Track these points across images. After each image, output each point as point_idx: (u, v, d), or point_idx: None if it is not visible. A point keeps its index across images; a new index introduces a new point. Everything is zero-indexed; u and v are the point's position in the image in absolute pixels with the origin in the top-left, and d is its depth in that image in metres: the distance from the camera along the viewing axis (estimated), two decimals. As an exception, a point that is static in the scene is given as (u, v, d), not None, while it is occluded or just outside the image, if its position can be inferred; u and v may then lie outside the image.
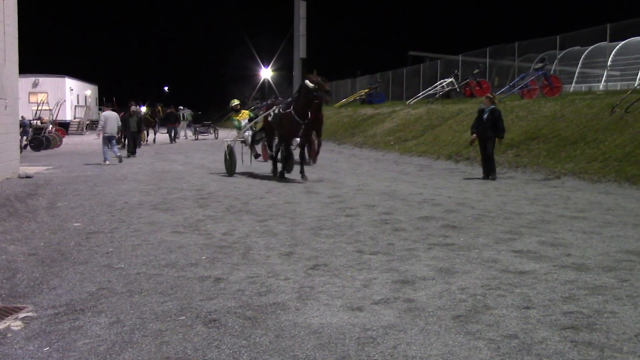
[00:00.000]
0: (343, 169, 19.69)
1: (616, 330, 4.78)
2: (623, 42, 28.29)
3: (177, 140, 37.11)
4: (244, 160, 18.83)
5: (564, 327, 4.89)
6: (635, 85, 20.87)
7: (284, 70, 67.76)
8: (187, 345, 4.69)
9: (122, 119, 24.84)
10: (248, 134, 18.91)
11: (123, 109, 31.94)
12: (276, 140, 17.43)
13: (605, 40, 27.75)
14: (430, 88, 34.54)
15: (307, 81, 15.22)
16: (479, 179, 15.73)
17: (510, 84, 26.92)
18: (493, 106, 15.70)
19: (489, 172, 15.70)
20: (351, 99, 45.65)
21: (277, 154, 17.19)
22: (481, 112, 15.82)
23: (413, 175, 17.08)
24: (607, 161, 15.22)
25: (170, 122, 37.62)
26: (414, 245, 7.94)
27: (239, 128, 19.50)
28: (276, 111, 16.48)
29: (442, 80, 34.09)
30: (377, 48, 78.87)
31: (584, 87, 28.85)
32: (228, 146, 17.95)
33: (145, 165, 21.57)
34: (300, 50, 52.43)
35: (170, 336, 4.87)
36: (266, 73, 71.73)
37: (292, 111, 15.49)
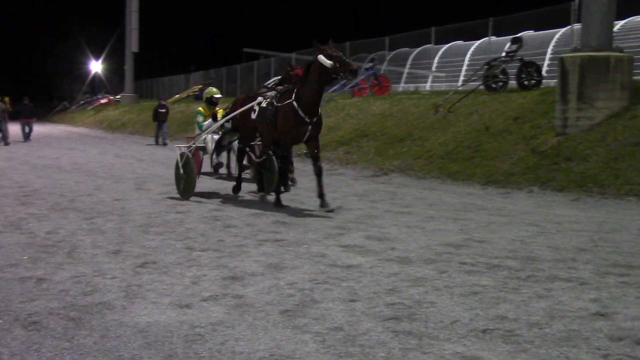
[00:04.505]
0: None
1: (434, 319, 5.01)
2: (447, 45, 29.61)
3: (31, 138, 32.00)
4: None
5: (387, 318, 5.07)
6: (458, 86, 21.90)
7: (116, 64, 65.94)
8: (4, 350, 4.47)
9: None
10: (211, 137, 13.27)
11: None
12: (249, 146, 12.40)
13: (431, 43, 29.00)
14: (264, 85, 34.68)
15: (321, 57, 10.17)
16: (310, 175, 15.96)
17: (342, 82, 27.50)
18: None
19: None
20: (185, 94, 45.08)
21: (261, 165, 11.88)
22: None
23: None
24: (431, 158, 15.91)
25: (23, 117, 32.44)
26: (244, 242, 7.97)
27: (201, 127, 13.77)
28: (263, 104, 11.02)
29: (275, 78, 34.30)
30: (212, 44, 78.18)
31: (412, 87, 29.94)
32: (182, 155, 11.97)
33: (-37, 161, 20.34)
34: (133, 44, 51.29)
35: (-15, 341, 4.63)
36: (96, 66, 69.52)
37: (295, 102, 10.41)
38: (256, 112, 11.14)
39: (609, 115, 13.95)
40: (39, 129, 32.68)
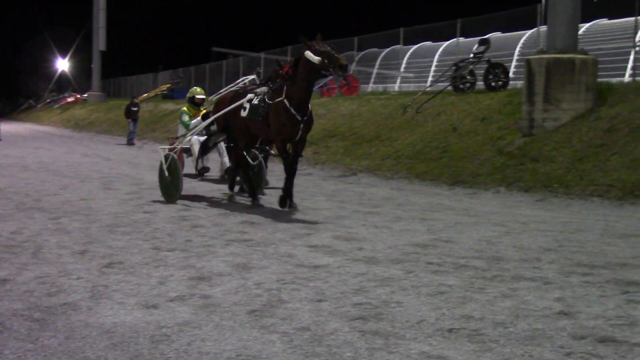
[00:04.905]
0: (143, 164, 19.31)
1: (401, 319, 5.04)
2: (416, 46, 29.76)
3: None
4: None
5: (354, 318, 5.08)
6: (426, 87, 22.03)
7: (83, 63, 65.39)
8: (-33, 351, 4.42)
9: None
10: (197, 138, 12.48)
11: None
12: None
13: (400, 44, 29.11)
14: (232, 84, 34.59)
15: (308, 52, 9.66)
16: (280, 175, 15.96)
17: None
18: None
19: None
20: (152, 93, 44.83)
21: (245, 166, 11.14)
22: None
23: (215, 171, 17.05)
24: (399, 159, 15.98)
25: None
26: (212, 242, 7.94)
27: (187, 127, 13.12)
28: (255, 101, 10.51)
29: (244, 77, 34.22)
30: (180, 42, 77.74)
31: (380, 87, 30.05)
32: (167, 157, 11.40)
33: None
34: (100, 42, 50.90)
35: (-54, 344, 4.56)
36: (63, 64, 68.87)
37: (285, 100, 10.01)
38: (247, 110, 10.59)
39: (574, 117, 14.12)
40: (3, 127, 32.17)
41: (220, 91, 33.57)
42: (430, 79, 26.08)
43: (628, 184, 11.42)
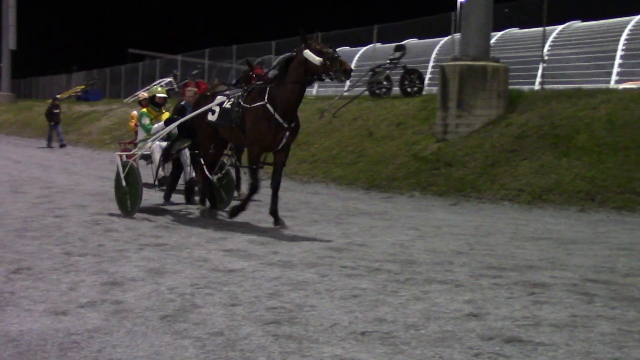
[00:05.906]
0: (54, 167, 18.86)
1: (314, 323, 5.06)
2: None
3: None
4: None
5: (268, 322, 5.08)
6: (343, 91, 22.15)
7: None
8: None
9: None
10: (158, 144, 11.05)
11: None
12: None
13: (317, 48, 29.19)
14: (148, 87, 34.19)
15: (308, 52, 8.62)
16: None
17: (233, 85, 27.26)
18: None
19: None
20: (66, 95, 43.84)
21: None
22: None
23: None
24: (315, 163, 16.07)
25: None
26: (125, 246, 7.82)
27: (148, 131, 11.57)
28: (227, 105, 9.43)
29: (160, 80, 33.92)
30: (95, 43, 76.25)
31: (297, 91, 30.07)
32: (126, 164, 10.18)
33: None
34: (10, 41, 49.42)
35: None
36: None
37: (268, 105, 8.96)
38: (216, 114, 9.53)
39: (486, 123, 14.47)
40: None
41: (136, 93, 33.15)
42: (347, 83, 26.20)
43: (537, 188, 11.78)
